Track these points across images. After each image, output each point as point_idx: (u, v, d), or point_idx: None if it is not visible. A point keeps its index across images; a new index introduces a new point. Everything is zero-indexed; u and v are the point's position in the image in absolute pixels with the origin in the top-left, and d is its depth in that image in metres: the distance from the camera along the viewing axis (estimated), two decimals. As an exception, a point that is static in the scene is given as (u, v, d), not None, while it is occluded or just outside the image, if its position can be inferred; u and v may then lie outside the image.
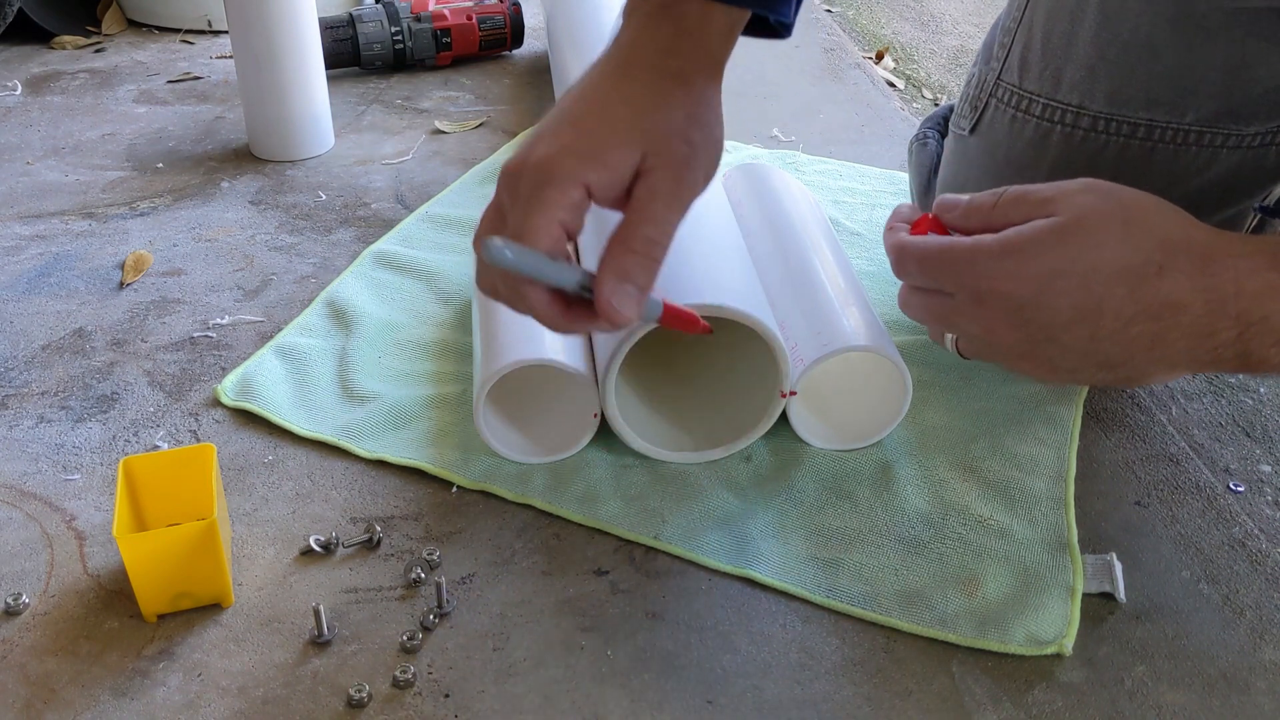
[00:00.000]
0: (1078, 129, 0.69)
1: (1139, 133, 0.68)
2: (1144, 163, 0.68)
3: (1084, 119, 0.69)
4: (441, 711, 0.53)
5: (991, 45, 0.75)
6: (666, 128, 0.50)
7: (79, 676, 0.54)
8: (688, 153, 0.51)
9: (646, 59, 0.52)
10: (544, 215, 0.48)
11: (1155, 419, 0.72)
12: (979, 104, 0.75)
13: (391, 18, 1.23)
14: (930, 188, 0.81)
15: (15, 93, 1.21)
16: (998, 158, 0.73)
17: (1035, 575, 0.59)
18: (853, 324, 0.66)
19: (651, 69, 0.52)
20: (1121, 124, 0.68)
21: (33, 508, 0.64)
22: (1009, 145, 0.72)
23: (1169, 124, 0.67)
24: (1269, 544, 0.62)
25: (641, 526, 0.62)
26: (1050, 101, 0.70)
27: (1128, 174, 0.68)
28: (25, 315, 0.82)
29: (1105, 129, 0.68)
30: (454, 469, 0.66)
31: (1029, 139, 0.71)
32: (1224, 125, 0.66)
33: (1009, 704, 0.53)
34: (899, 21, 1.63)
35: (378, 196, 0.99)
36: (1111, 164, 0.68)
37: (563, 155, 0.49)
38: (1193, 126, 0.67)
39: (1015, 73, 0.72)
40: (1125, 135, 0.68)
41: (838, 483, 0.66)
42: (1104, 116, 0.68)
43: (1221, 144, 0.67)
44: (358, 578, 0.60)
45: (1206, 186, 0.68)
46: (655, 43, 0.52)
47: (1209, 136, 0.67)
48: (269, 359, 0.75)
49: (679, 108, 0.51)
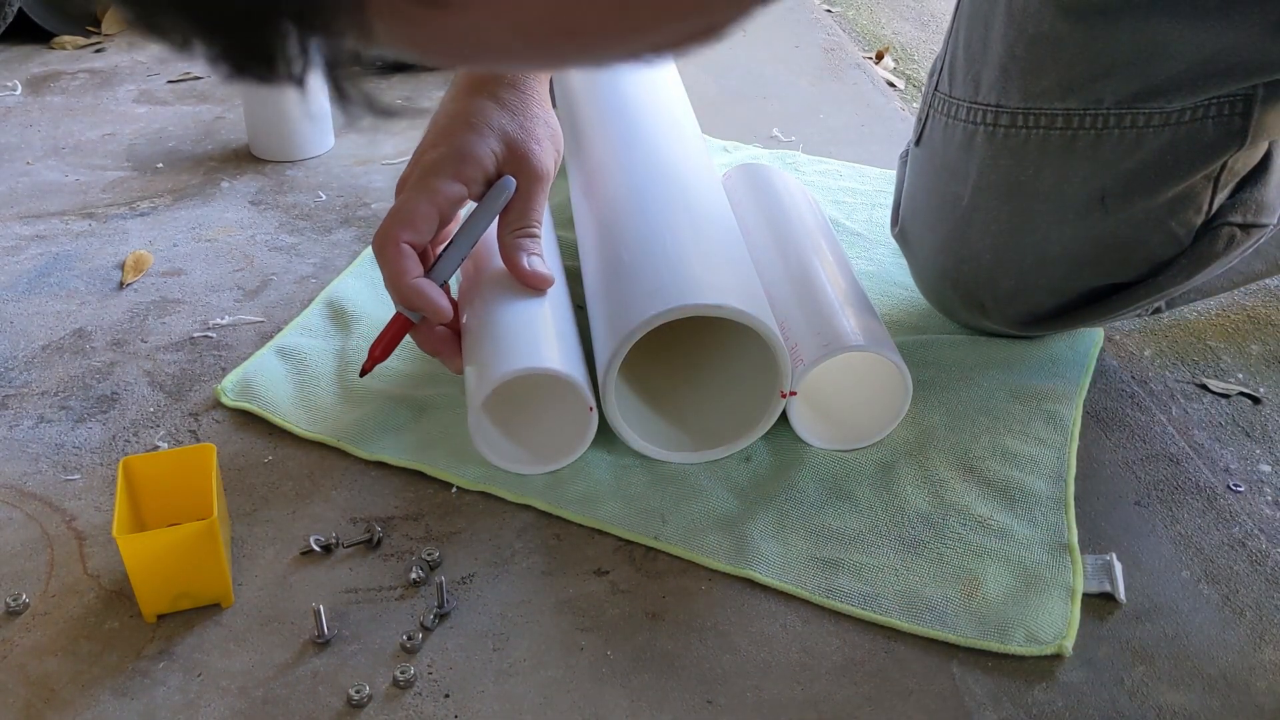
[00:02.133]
0: (998, 127, 0.69)
1: (1057, 123, 0.68)
2: (1067, 152, 0.68)
3: (1003, 116, 0.69)
4: (441, 711, 0.53)
5: (936, 60, 0.77)
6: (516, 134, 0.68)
7: (79, 676, 0.54)
8: (535, 149, 0.68)
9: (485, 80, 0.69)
10: (425, 197, 0.65)
11: (1155, 419, 0.72)
12: (922, 116, 0.76)
13: (391, 18, 1.23)
14: None
15: (15, 93, 1.21)
16: (936, 165, 0.74)
17: (1035, 575, 0.59)
18: (853, 324, 0.66)
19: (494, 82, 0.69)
20: (1039, 116, 0.68)
21: (33, 508, 0.64)
22: (944, 152, 0.73)
23: (1086, 110, 0.67)
24: (1269, 544, 0.62)
25: (641, 526, 0.62)
26: (973, 104, 0.71)
27: (1053, 165, 0.69)
28: (25, 315, 0.82)
29: (1024, 123, 0.69)
30: (454, 469, 0.66)
31: (958, 143, 0.72)
32: (1144, 104, 0.66)
33: (1009, 704, 0.53)
34: (899, 21, 1.63)
35: (378, 196, 0.99)
36: (1035, 157, 0.69)
37: (440, 159, 0.66)
38: (1111, 110, 0.67)
39: (946, 82, 0.73)
40: (1044, 127, 0.68)
41: (838, 483, 0.65)
42: (1021, 111, 0.68)
43: (1145, 124, 0.66)
44: (358, 578, 0.60)
45: (1139, 168, 0.67)
46: None
47: (1130, 118, 0.67)
48: (269, 359, 0.75)
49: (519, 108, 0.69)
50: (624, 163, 0.75)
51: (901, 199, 0.80)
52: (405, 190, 0.67)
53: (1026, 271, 0.71)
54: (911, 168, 0.78)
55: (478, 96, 0.68)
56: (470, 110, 0.68)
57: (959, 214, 0.72)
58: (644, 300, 0.63)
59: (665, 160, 0.75)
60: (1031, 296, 0.72)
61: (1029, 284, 0.72)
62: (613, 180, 0.74)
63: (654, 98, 0.82)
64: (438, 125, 0.69)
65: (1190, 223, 0.69)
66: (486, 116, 0.67)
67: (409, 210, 0.65)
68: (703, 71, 1.28)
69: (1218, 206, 0.69)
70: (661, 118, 0.80)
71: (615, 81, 0.83)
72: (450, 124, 0.68)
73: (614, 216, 0.71)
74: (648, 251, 0.66)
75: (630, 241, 0.68)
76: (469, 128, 0.67)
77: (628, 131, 0.78)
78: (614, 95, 0.81)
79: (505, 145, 0.67)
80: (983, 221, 0.71)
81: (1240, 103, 0.65)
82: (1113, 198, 0.68)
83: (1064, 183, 0.68)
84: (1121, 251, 0.70)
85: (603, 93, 0.82)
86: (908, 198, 0.78)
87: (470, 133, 0.66)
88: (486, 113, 0.67)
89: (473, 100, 0.68)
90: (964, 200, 0.72)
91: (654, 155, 0.75)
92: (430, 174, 0.65)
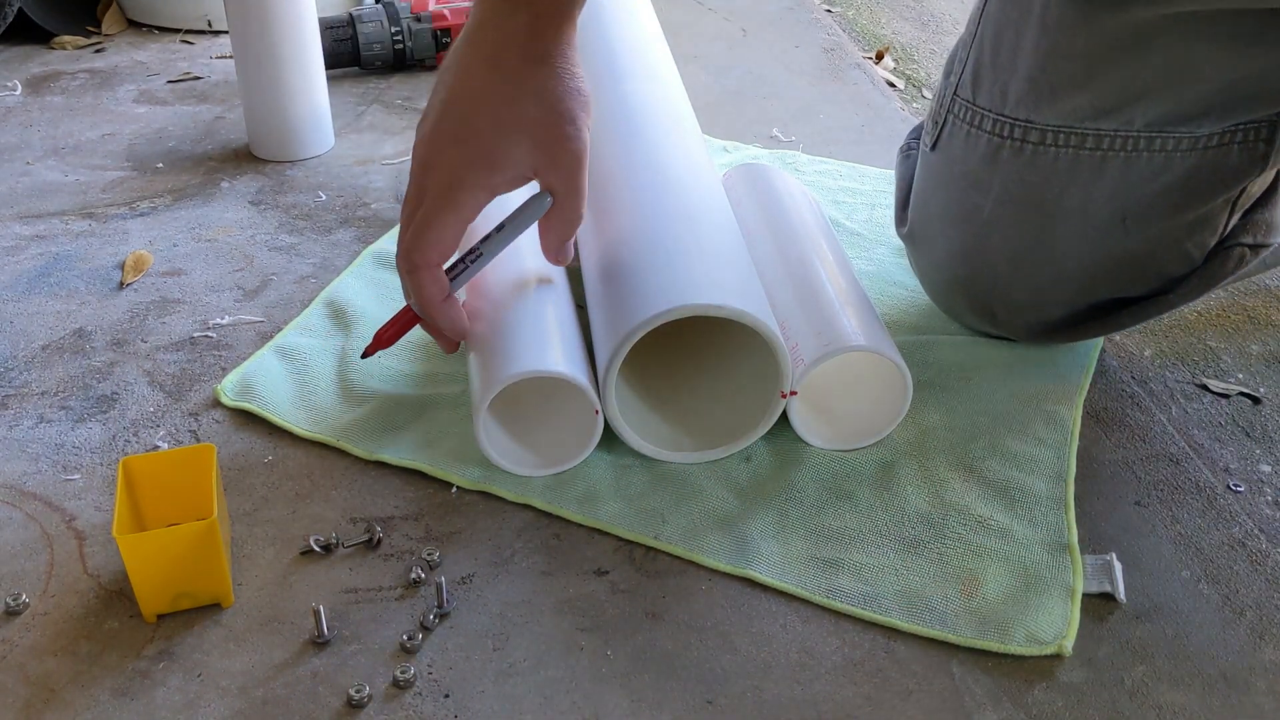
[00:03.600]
0: (1026, 143, 0.68)
1: (1087, 143, 0.67)
2: (1097, 173, 0.67)
3: (1032, 133, 0.68)
4: (441, 711, 0.53)
5: (952, 60, 0.75)
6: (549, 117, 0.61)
7: (79, 676, 0.54)
8: (570, 131, 0.61)
9: (513, 45, 0.61)
10: (455, 215, 0.61)
11: (1155, 419, 0.72)
12: (939, 119, 0.75)
13: (391, 18, 1.23)
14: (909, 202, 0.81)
15: (15, 93, 1.21)
16: (955, 173, 0.73)
17: (1035, 575, 0.59)
18: (853, 324, 0.66)
19: (518, 56, 0.61)
20: (1070, 135, 0.67)
21: (33, 508, 0.64)
22: (964, 161, 0.72)
23: (1118, 132, 0.66)
24: (1269, 544, 0.62)
25: (641, 526, 0.62)
26: (1000, 117, 0.69)
27: (1080, 184, 0.67)
28: (25, 315, 0.82)
29: (1054, 142, 0.67)
30: (454, 469, 0.66)
31: (981, 154, 0.70)
32: (1173, 129, 0.65)
33: (1009, 704, 0.53)
34: (899, 21, 1.63)
35: (378, 196, 0.99)
36: (1064, 175, 0.68)
37: (467, 166, 0.61)
38: (1143, 133, 0.66)
39: (969, 88, 0.72)
40: (1074, 146, 0.67)
41: (838, 483, 0.65)
42: (1052, 129, 0.67)
43: (1174, 148, 0.66)
44: (358, 578, 0.60)
45: (1164, 190, 0.67)
46: (517, 30, 0.61)
47: (1160, 141, 0.66)
48: (269, 359, 0.75)
49: (550, 90, 0.61)
50: (624, 163, 0.75)
51: (911, 199, 0.79)
52: (430, 198, 0.62)
53: (1042, 285, 0.71)
54: (925, 170, 0.76)
55: (496, 74, 0.61)
56: (493, 95, 0.61)
57: (978, 225, 0.71)
58: (644, 300, 0.63)
59: (665, 160, 0.75)
60: (1043, 308, 0.72)
61: (1043, 297, 0.72)
62: (613, 180, 0.74)
63: (654, 98, 0.82)
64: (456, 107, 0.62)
65: (1205, 244, 0.69)
66: (513, 105, 0.61)
67: (439, 230, 0.61)
68: (703, 71, 1.28)
69: (1231, 228, 0.70)
70: (662, 118, 0.80)
71: (616, 81, 0.83)
72: (473, 113, 0.61)
73: (614, 216, 0.71)
74: (648, 251, 0.66)
75: (630, 241, 0.68)
76: (495, 124, 0.61)
77: (628, 131, 0.78)
78: (614, 95, 0.81)
79: (536, 140, 0.62)
80: (1002, 234, 0.71)
81: (1265, 128, 0.65)
82: (1134, 218, 0.68)
83: (1089, 202, 0.68)
84: (1136, 268, 0.70)
85: (603, 93, 0.82)
86: (919, 201, 0.77)
87: (496, 132, 0.61)
88: (512, 100, 0.61)
89: (492, 79, 0.61)
90: (984, 212, 0.71)
91: (654, 155, 0.75)
92: (457, 186, 0.61)
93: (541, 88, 0.61)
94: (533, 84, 0.61)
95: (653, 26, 0.94)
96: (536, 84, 0.61)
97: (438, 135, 0.62)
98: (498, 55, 0.61)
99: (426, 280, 0.63)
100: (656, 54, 0.89)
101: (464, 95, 0.62)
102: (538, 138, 0.61)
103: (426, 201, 0.62)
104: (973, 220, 0.72)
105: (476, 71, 0.62)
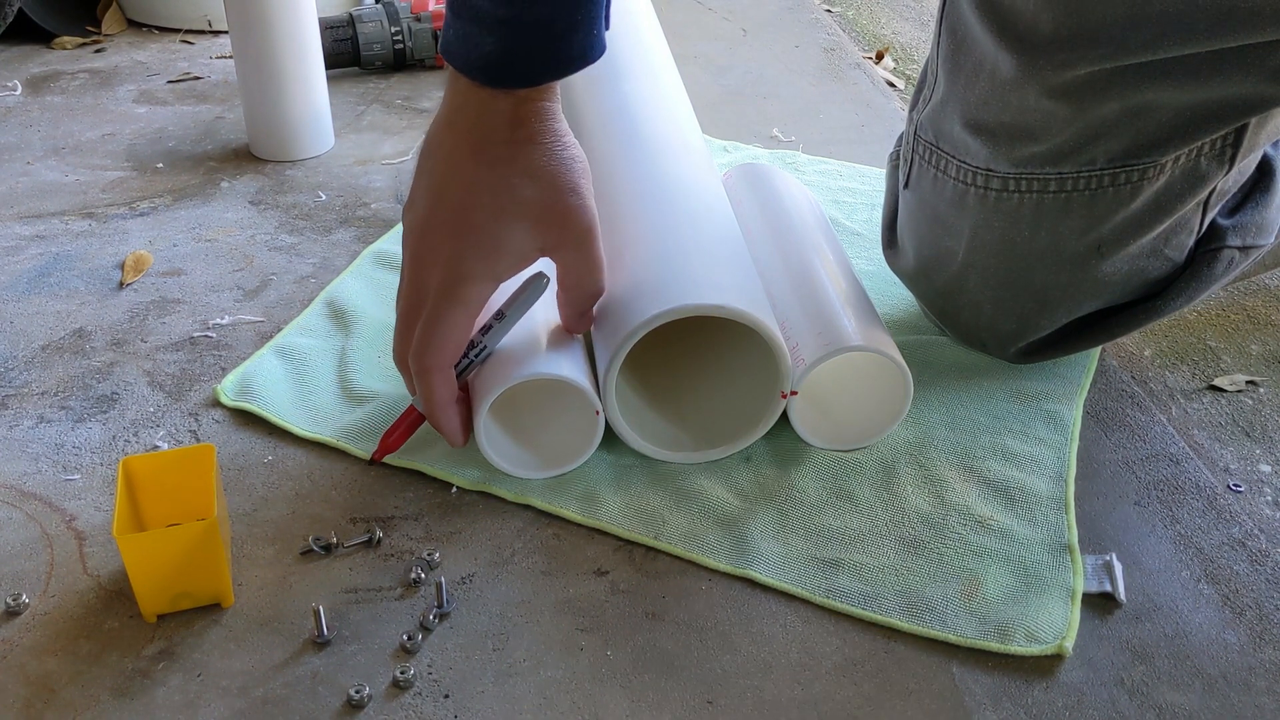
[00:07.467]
0: (989, 190, 0.68)
1: (1050, 186, 0.66)
2: (1062, 213, 0.67)
3: (994, 180, 0.67)
4: (441, 711, 0.53)
5: (916, 95, 0.74)
6: (549, 195, 0.59)
7: (79, 676, 0.54)
8: (574, 203, 0.59)
9: (498, 133, 0.58)
10: (462, 311, 0.59)
11: (1155, 419, 0.72)
12: (908, 158, 0.74)
13: (391, 18, 1.23)
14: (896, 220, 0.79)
15: (15, 93, 1.21)
16: (927, 215, 0.72)
17: (1035, 575, 0.59)
18: (853, 324, 0.66)
19: (504, 142, 0.58)
20: (1032, 180, 0.66)
21: (33, 508, 0.64)
22: (934, 204, 0.71)
23: (1079, 173, 0.65)
24: (1269, 544, 0.62)
25: (641, 526, 0.62)
26: (963, 164, 0.69)
27: (1047, 225, 0.67)
28: (25, 315, 0.82)
29: (1017, 188, 0.67)
30: (454, 470, 0.66)
31: (949, 199, 0.70)
32: (1137, 160, 0.64)
33: (1009, 704, 0.53)
34: (899, 21, 1.63)
35: (378, 196, 0.99)
36: (1029, 218, 0.67)
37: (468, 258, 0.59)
38: (1105, 169, 0.65)
39: (930, 130, 0.71)
40: (1037, 190, 0.66)
41: (838, 483, 0.66)
42: (1014, 176, 0.67)
43: (1140, 178, 0.65)
44: (358, 578, 0.60)
45: (1134, 215, 0.66)
46: (498, 117, 0.58)
47: (1124, 175, 0.65)
48: (269, 359, 0.75)
49: (543, 167, 0.59)
50: (624, 163, 0.75)
51: (897, 225, 0.78)
52: (435, 296, 0.59)
53: (1026, 314, 0.71)
54: (903, 206, 0.76)
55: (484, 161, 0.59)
56: (485, 183, 0.59)
57: (955, 268, 0.72)
58: (644, 300, 0.63)
59: (666, 160, 0.75)
60: (1031, 333, 0.72)
61: (1028, 324, 0.72)
62: (613, 180, 0.74)
63: (654, 98, 0.82)
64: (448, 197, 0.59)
65: (1184, 245, 0.69)
66: (508, 189, 0.59)
67: (449, 328, 0.59)
68: (703, 71, 1.28)
69: (1209, 224, 0.69)
70: (662, 118, 0.80)
71: (616, 82, 0.83)
72: (467, 203, 0.59)
73: (614, 216, 0.71)
74: (648, 251, 0.66)
75: (630, 241, 0.68)
76: (493, 211, 0.59)
77: (628, 131, 0.78)
78: (614, 96, 0.81)
79: (538, 220, 0.59)
80: (980, 275, 0.71)
81: (1232, 134, 0.64)
82: (1108, 244, 0.67)
83: (1060, 240, 0.67)
84: (1120, 283, 0.70)
85: (603, 93, 0.82)
86: (903, 233, 0.76)
87: (495, 220, 0.59)
88: (506, 184, 0.59)
89: (480, 168, 0.59)
90: (959, 256, 0.71)
91: (654, 155, 0.75)
92: (461, 280, 0.59)
93: (534, 166, 0.58)
94: (524, 164, 0.58)
95: (653, 26, 0.94)
96: (528, 163, 0.58)
97: (432, 228, 0.60)
98: (483, 144, 0.59)
99: (438, 383, 0.61)
100: (656, 54, 0.89)
101: (454, 184, 0.59)
102: (540, 218, 0.59)
103: (431, 300, 0.59)
104: (948, 264, 0.72)
105: (463, 161, 0.59)
